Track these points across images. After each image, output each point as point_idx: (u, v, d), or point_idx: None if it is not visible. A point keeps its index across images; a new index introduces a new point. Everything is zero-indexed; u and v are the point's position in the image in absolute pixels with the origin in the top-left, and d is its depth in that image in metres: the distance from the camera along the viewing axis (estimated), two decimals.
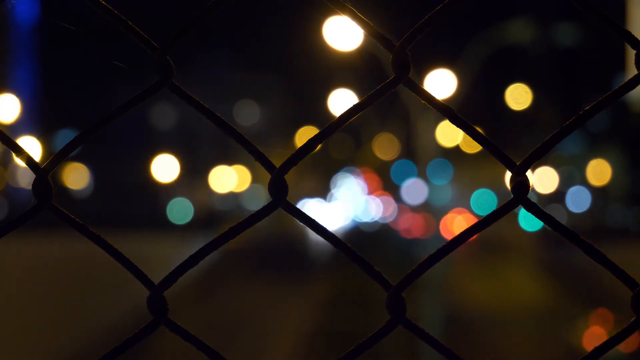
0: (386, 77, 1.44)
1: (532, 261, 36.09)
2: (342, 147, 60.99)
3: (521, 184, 1.42)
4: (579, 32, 58.76)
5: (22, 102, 48.88)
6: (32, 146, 38.75)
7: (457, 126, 1.42)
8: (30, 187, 1.43)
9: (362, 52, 17.40)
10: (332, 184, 63.00)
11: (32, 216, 1.43)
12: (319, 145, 1.43)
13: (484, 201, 50.00)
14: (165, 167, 54.07)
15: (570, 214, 54.86)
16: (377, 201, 56.12)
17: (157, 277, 1.48)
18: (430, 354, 14.33)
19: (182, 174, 56.17)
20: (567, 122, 1.44)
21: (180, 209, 58.46)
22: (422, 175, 23.44)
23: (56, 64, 60.70)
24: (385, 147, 49.98)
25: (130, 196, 58.21)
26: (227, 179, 60.68)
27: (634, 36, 1.42)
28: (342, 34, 15.05)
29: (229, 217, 50.36)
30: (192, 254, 1.43)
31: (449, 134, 31.61)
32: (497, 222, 1.45)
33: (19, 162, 1.50)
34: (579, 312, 21.75)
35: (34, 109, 58.07)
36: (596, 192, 57.53)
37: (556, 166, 53.40)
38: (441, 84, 18.41)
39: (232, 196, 61.44)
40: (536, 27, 30.20)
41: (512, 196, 1.43)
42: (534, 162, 1.44)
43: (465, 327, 20.19)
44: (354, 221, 56.20)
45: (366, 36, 2.44)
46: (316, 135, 1.43)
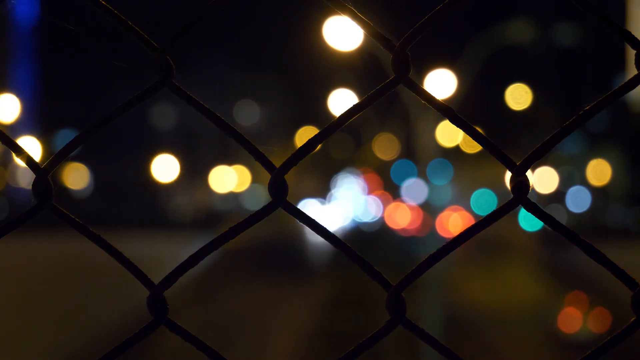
0: (386, 77, 1.44)
1: (532, 261, 36.08)
2: (342, 147, 60.99)
3: (521, 184, 1.42)
4: (579, 32, 58.75)
5: (22, 102, 48.87)
6: (32, 146, 38.75)
7: (457, 126, 1.42)
8: (30, 187, 1.43)
9: (362, 52, 17.40)
10: (332, 184, 63.01)
11: (32, 216, 1.43)
12: (319, 145, 1.43)
13: (484, 201, 49.99)
14: (165, 167, 54.06)
15: (570, 214, 54.86)
16: (377, 200, 56.12)
17: (157, 277, 1.48)
18: (430, 354, 14.33)
19: (182, 174, 56.17)
20: (567, 122, 1.44)
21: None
22: (422, 175, 23.44)
23: (56, 64, 60.67)
24: (385, 147, 49.98)
25: (130, 196, 58.22)
26: (227, 179, 60.67)
27: (634, 36, 1.42)
28: (342, 34, 15.06)
29: (229, 217, 50.34)
30: (192, 254, 1.44)
31: (449, 134, 31.61)
32: (497, 222, 1.45)
33: (19, 162, 1.50)
34: (578, 312, 21.75)
35: (34, 109, 58.05)
36: (596, 192, 57.53)
37: (556, 166, 53.40)
38: (441, 84, 18.41)
39: (232, 196, 61.44)
40: (536, 27, 30.19)
41: (512, 196, 1.43)
42: (534, 162, 1.44)
43: (465, 327, 20.19)
44: (354, 221, 56.19)
45: (366, 36, 2.44)
46: (316, 135, 1.43)
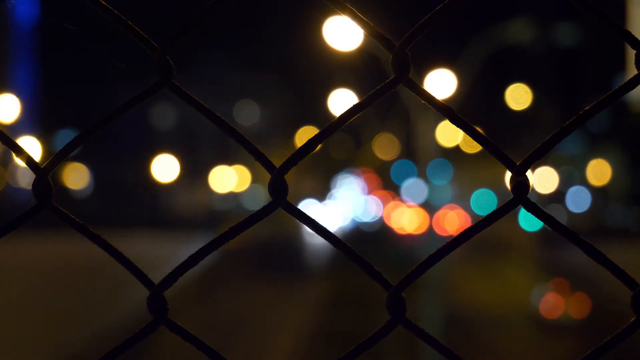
0: (386, 77, 1.44)
1: (532, 261, 36.07)
2: (342, 147, 60.99)
3: (521, 184, 1.42)
4: (579, 32, 58.75)
5: (22, 102, 48.86)
6: (32, 146, 38.75)
7: (457, 126, 1.42)
8: (30, 187, 1.43)
9: (362, 52, 17.40)
10: (332, 184, 63.01)
11: (32, 216, 1.43)
12: (319, 145, 1.43)
13: (484, 201, 49.98)
14: (165, 167, 54.06)
15: (570, 214, 54.85)
16: (377, 200, 56.12)
17: (157, 277, 1.48)
18: (430, 354, 14.33)
19: (182, 174, 56.16)
20: (567, 122, 1.44)
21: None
22: (422, 175, 23.44)
23: (56, 64, 60.67)
24: (385, 147, 50.00)
25: (130, 196, 58.21)
26: (227, 179, 60.68)
27: (634, 36, 1.42)
28: (342, 34, 15.06)
29: (229, 217, 50.34)
30: (192, 254, 1.44)
31: (449, 134, 31.61)
32: (497, 222, 1.45)
33: (19, 162, 1.50)
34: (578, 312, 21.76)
35: (34, 109, 58.05)
36: (596, 192, 57.52)
37: (556, 166, 53.39)
38: (441, 84, 18.41)
39: (232, 196, 61.44)
40: (536, 27, 30.19)
41: (512, 196, 1.43)
42: (534, 162, 1.44)
43: (465, 327, 20.19)
44: (354, 221, 56.19)
45: (366, 36, 2.44)
46: (316, 135, 1.43)
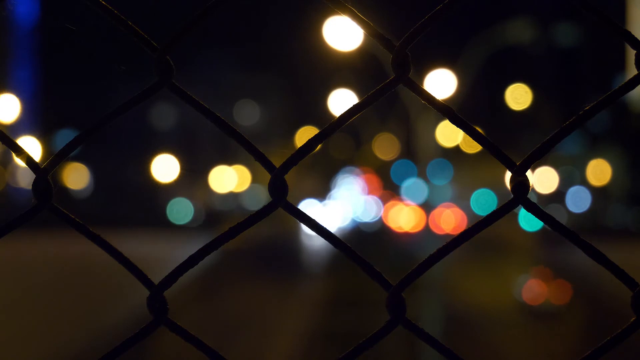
0: (386, 77, 1.44)
1: (532, 261, 36.06)
2: (342, 147, 60.97)
3: (521, 184, 1.42)
4: (579, 32, 58.75)
5: (22, 102, 48.87)
6: (32, 146, 38.75)
7: (457, 126, 1.42)
8: (30, 187, 1.43)
9: (362, 52, 17.41)
10: (332, 184, 62.99)
11: (32, 216, 1.43)
12: (319, 145, 1.43)
13: (484, 201, 49.98)
14: (165, 167, 54.06)
15: (570, 214, 54.85)
16: (377, 200, 56.12)
17: (157, 277, 1.48)
18: (430, 354, 14.33)
19: (182, 174, 56.15)
20: (567, 122, 1.44)
21: (180, 208, 58.45)
22: (422, 175, 23.44)
23: (56, 64, 60.67)
24: (385, 147, 50.00)
25: (130, 196, 58.19)
26: (227, 179, 60.67)
27: (634, 36, 1.42)
28: (342, 34, 15.07)
29: (229, 217, 50.34)
30: (192, 254, 1.44)
31: (449, 134, 31.62)
32: (497, 222, 1.45)
33: (19, 162, 1.50)
34: (578, 312, 21.76)
35: (34, 109, 58.05)
36: (596, 192, 57.51)
37: (556, 166, 53.39)
38: (441, 84, 18.41)
39: (232, 196, 61.43)
40: (536, 27, 30.19)
41: (511, 196, 1.43)
42: (534, 162, 1.44)
43: (465, 327, 20.18)
44: (354, 221, 56.19)
45: (366, 36, 2.44)
46: (316, 135, 1.43)
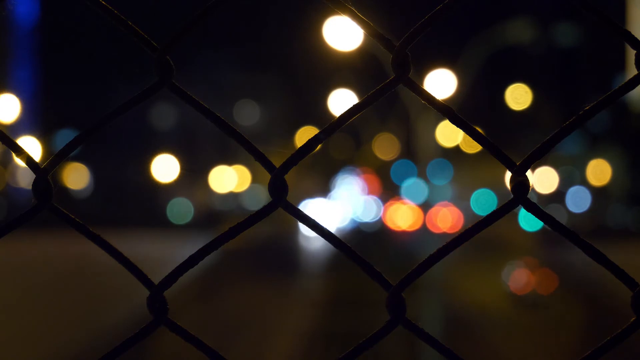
0: (386, 77, 1.43)
1: (532, 261, 36.04)
2: (342, 147, 60.97)
3: (521, 184, 1.42)
4: (579, 32, 58.76)
5: (22, 102, 48.87)
6: (32, 146, 38.75)
7: (457, 126, 1.42)
8: (30, 187, 1.43)
9: (362, 52, 17.41)
10: (332, 184, 62.98)
11: (32, 216, 1.43)
12: (319, 145, 1.43)
13: (484, 201, 49.98)
14: (165, 167, 54.07)
15: (570, 214, 54.85)
16: (377, 200, 56.13)
17: (157, 277, 1.48)
18: (430, 354, 14.33)
19: (182, 174, 56.16)
20: (567, 122, 1.43)
21: (180, 208, 58.48)
22: (422, 175, 23.44)
23: (56, 64, 60.68)
24: (385, 147, 50.00)
25: (130, 196, 58.19)
26: (227, 179, 60.67)
27: (634, 36, 1.42)
28: (342, 34, 15.07)
29: (229, 217, 50.34)
30: (192, 254, 1.44)
31: (449, 134, 31.64)
32: (497, 222, 1.45)
33: (19, 162, 1.50)
34: (578, 312, 21.76)
35: (34, 109, 58.06)
36: (596, 192, 57.52)
37: (556, 166, 53.40)
38: (441, 84, 18.41)
39: (232, 196, 61.42)
40: (536, 27, 30.19)
41: (511, 196, 1.43)
42: (534, 162, 1.44)
43: (465, 327, 20.18)
44: (354, 221, 56.18)
45: (366, 36, 2.44)
46: (316, 135, 1.43)
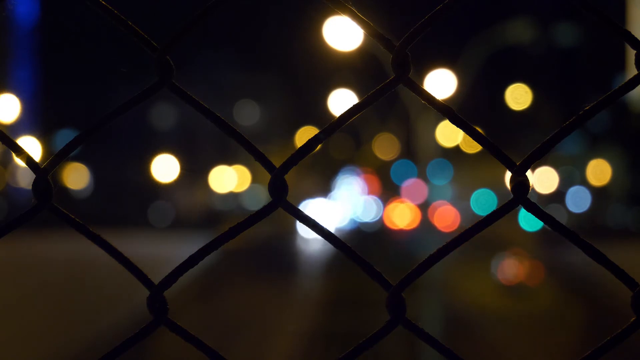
0: (386, 77, 1.43)
1: (532, 261, 36.06)
2: (342, 147, 60.97)
3: (521, 184, 1.42)
4: (579, 32, 58.76)
5: (22, 102, 48.87)
6: (32, 146, 38.76)
7: (457, 126, 1.42)
8: (30, 187, 1.43)
9: (362, 52, 17.42)
10: (332, 184, 62.97)
11: (32, 216, 1.43)
12: (319, 145, 1.43)
13: (484, 201, 49.97)
14: (165, 167, 54.06)
15: (570, 214, 54.86)
16: (377, 200, 56.13)
17: (157, 277, 1.48)
18: (430, 354, 14.33)
19: (182, 174, 56.17)
20: (567, 122, 1.43)
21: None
22: (422, 175, 23.45)
23: (56, 64, 60.68)
24: (385, 147, 49.99)
25: (130, 196, 58.19)
26: (227, 179, 60.67)
27: (634, 36, 1.42)
28: (342, 34, 15.08)
29: (229, 217, 50.33)
30: (192, 254, 1.43)
31: (449, 134, 31.64)
32: (497, 222, 1.45)
33: (19, 162, 1.50)
34: (578, 312, 21.76)
35: (34, 109, 58.07)
36: (596, 192, 57.53)
37: (556, 166, 53.40)
38: (441, 84, 18.41)
39: (232, 196, 61.42)
40: (536, 27, 30.19)
41: (511, 196, 1.43)
42: (534, 162, 1.44)
43: (465, 327, 20.18)
44: (354, 221, 56.19)
45: (366, 36, 2.44)
46: (316, 135, 1.43)
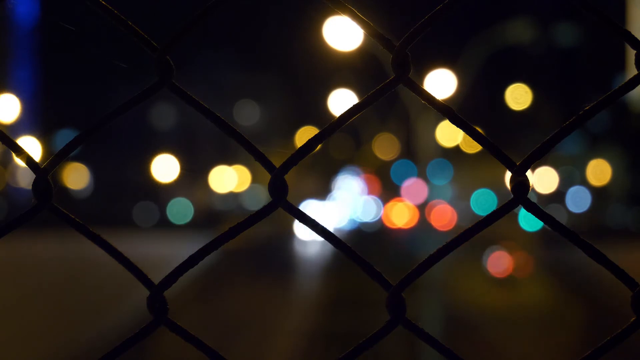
0: (386, 77, 1.43)
1: (532, 261, 36.07)
2: (342, 147, 60.96)
3: (521, 184, 1.42)
4: (579, 32, 58.77)
5: (22, 102, 48.88)
6: (32, 146, 38.75)
7: (457, 126, 1.42)
8: (30, 187, 1.43)
9: (362, 52, 17.42)
10: (332, 184, 62.96)
11: (32, 216, 1.43)
12: (319, 145, 1.43)
13: (484, 201, 49.97)
14: (165, 167, 54.07)
15: (570, 214, 54.86)
16: (377, 200, 56.12)
17: (157, 277, 1.48)
18: (430, 354, 14.33)
19: (182, 174, 56.17)
20: (567, 122, 1.43)
21: (180, 208, 58.47)
22: (422, 175, 23.45)
23: (56, 64, 60.68)
24: (385, 147, 49.99)
25: (130, 196, 58.20)
26: (227, 179, 60.67)
27: (634, 36, 1.42)
28: (342, 34, 15.08)
29: (229, 217, 50.33)
30: (192, 254, 1.43)
31: (449, 134, 31.64)
32: (497, 222, 1.45)
33: (19, 162, 1.50)
34: (578, 312, 21.77)
35: (34, 109, 58.07)
36: (596, 192, 57.53)
37: (556, 166, 53.40)
38: (441, 84, 18.41)
39: (232, 196, 61.42)
40: (536, 27, 30.19)
41: (511, 196, 1.43)
42: (534, 162, 1.44)
43: (465, 327, 20.18)
44: (354, 221, 56.18)
45: (366, 36, 2.44)
46: (316, 135, 1.43)
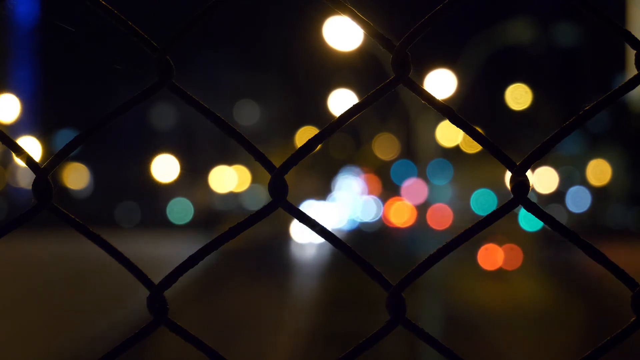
0: (386, 77, 1.43)
1: (532, 261, 36.08)
2: (342, 147, 60.97)
3: (521, 184, 1.42)
4: (579, 32, 58.77)
5: (22, 102, 48.89)
6: (32, 146, 38.76)
7: (457, 126, 1.42)
8: (30, 187, 1.43)
9: (362, 52, 17.43)
10: (332, 185, 62.97)
11: (32, 216, 1.43)
12: (319, 145, 1.43)
13: (484, 201, 49.97)
14: (165, 167, 54.07)
15: (570, 214, 54.85)
16: (377, 200, 56.13)
17: (157, 277, 1.48)
18: (430, 354, 14.33)
19: (182, 174, 56.18)
20: (567, 122, 1.43)
21: (180, 209, 58.47)
22: (422, 175, 23.46)
23: (56, 64, 60.69)
24: (385, 147, 50.02)
25: (130, 196, 58.21)
26: (227, 179, 60.67)
27: (634, 36, 1.42)
28: (342, 34, 15.09)
29: (229, 217, 50.32)
30: (192, 254, 1.43)
31: (449, 134, 31.66)
32: (497, 222, 1.45)
33: (19, 162, 1.50)
34: (578, 312, 21.76)
35: (34, 109, 58.07)
36: (596, 192, 57.52)
37: (556, 166, 53.40)
38: (441, 84, 18.42)
39: (232, 196, 61.42)
40: (536, 27, 30.19)
41: (511, 196, 1.43)
42: (534, 162, 1.44)
43: (465, 327, 20.17)
44: (354, 221, 56.19)
45: (366, 36, 2.44)
46: (316, 135, 1.43)
